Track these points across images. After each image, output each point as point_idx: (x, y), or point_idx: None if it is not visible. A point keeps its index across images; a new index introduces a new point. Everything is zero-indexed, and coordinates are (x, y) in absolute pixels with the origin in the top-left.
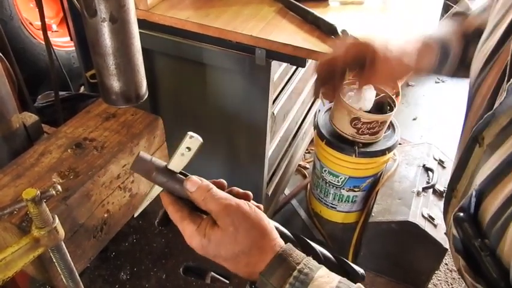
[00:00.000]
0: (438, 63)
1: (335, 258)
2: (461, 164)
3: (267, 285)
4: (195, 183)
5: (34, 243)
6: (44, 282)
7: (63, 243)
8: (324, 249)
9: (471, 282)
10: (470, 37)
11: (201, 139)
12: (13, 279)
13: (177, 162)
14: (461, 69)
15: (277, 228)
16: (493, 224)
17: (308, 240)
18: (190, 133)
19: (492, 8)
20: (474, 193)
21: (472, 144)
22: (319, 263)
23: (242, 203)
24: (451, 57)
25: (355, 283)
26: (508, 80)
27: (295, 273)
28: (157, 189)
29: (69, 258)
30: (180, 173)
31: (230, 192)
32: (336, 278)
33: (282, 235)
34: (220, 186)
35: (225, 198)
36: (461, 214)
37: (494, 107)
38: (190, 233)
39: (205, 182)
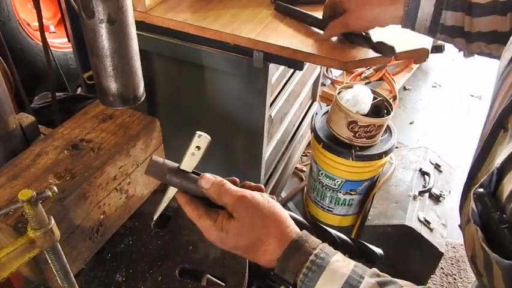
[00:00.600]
0: (407, 14)
1: (352, 241)
2: (484, 150)
3: (285, 270)
4: (209, 180)
5: (30, 244)
6: (39, 283)
7: (58, 245)
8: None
9: (487, 255)
10: (447, 3)
11: (209, 137)
12: (8, 280)
13: (189, 162)
14: (433, 30)
15: (292, 217)
16: (510, 200)
17: (324, 226)
18: (199, 132)
19: None
20: (495, 171)
21: (496, 129)
22: (336, 247)
23: (256, 194)
24: (421, 12)
25: (374, 263)
26: None
27: (311, 257)
28: (172, 190)
29: (64, 259)
30: (193, 172)
31: (243, 186)
32: (351, 262)
33: (298, 223)
34: (233, 183)
35: (239, 191)
36: (481, 189)
37: None
38: (208, 228)
39: (219, 178)
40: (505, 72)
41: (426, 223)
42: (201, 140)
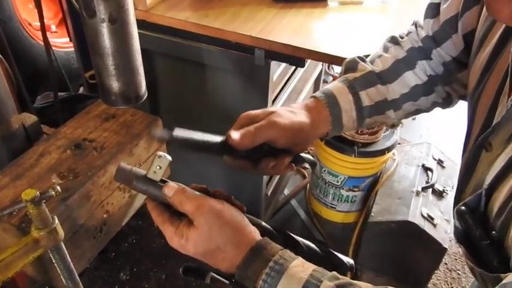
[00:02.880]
0: (334, 118)
1: (321, 251)
2: (468, 168)
3: (245, 277)
4: (172, 188)
5: (34, 244)
6: (44, 283)
7: (62, 244)
8: (312, 243)
9: (473, 268)
10: (359, 84)
11: (169, 158)
12: (13, 280)
13: (154, 175)
14: (362, 119)
15: (259, 225)
16: (498, 216)
17: (292, 234)
18: (159, 153)
19: (479, 23)
20: (484, 192)
21: (477, 150)
22: (303, 256)
23: (215, 202)
24: (344, 109)
25: (344, 273)
26: (510, 90)
27: (270, 263)
28: (139, 201)
29: (68, 259)
30: (161, 180)
31: (214, 194)
32: (310, 267)
33: (267, 232)
34: (203, 190)
35: (199, 199)
36: (463, 207)
37: (501, 116)
38: (170, 234)
39: (182, 186)
40: (477, 94)
41: (429, 219)
42: (161, 160)
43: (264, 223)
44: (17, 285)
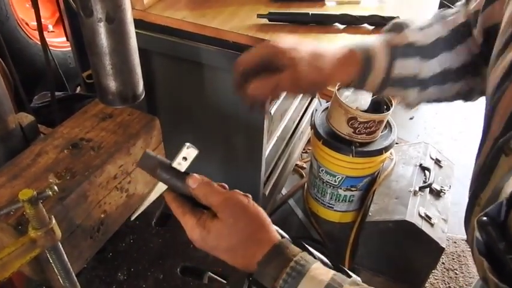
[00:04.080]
0: (361, 75)
1: (332, 265)
2: (485, 173)
3: (265, 275)
4: (196, 180)
5: (31, 244)
6: (41, 282)
7: (60, 244)
8: (324, 256)
9: (496, 284)
10: (399, 52)
11: (197, 150)
12: (10, 280)
13: (179, 166)
14: (384, 85)
15: (276, 231)
16: None
17: (307, 246)
18: (188, 144)
19: (503, 22)
20: (505, 201)
21: (497, 154)
22: None
23: (242, 196)
24: (374, 70)
25: None
26: None
27: (292, 263)
28: (155, 193)
29: (66, 258)
30: (184, 172)
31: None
32: (331, 271)
33: (281, 237)
34: (222, 187)
35: (225, 192)
36: (485, 218)
37: None
38: (191, 225)
39: (206, 179)
40: (496, 96)
41: (427, 218)
42: (189, 151)
43: (279, 229)
44: (14, 285)
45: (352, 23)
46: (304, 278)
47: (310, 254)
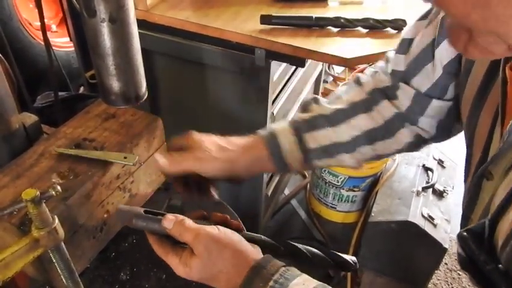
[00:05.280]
0: (273, 155)
1: (324, 253)
2: (472, 196)
3: None
4: (171, 221)
5: (34, 244)
6: (44, 282)
7: (63, 244)
8: (313, 246)
9: None
10: (305, 127)
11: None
12: (13, 280)
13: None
14: (309, 161)
15: (260, 240)
16: (504, 248)
17: (293, 243)
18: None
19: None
20: (487, 222)
21: (478, 180)
22: (308, 262)
23: (211, 229)
24: (284, 149)
25: (349, 271)
26: (503, 123)
27: (271, 283)
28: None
29: (69, 258)
30: (158, 213)
31: (209, 217)
32: (311, 284)
33: (266, 244)
34: (201, 217)
35: (196, 229)
36: (465, 233)
37: (498, 148)
38: (175, 264)
39: (180, 217)
40: (473, 122)
41: (430, 219)
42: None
43: (263, 237)
44: (17, 285)
45: (375, 27)
46: None
47: (297, 251)
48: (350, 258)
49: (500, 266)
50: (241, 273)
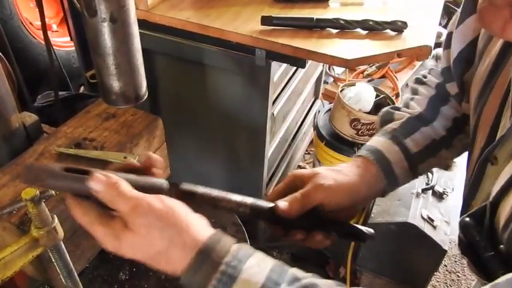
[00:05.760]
0: (386, 173)
1: (345, 227)
2: (474, 182)
3: (192, 282)
4: (100, 181)
5: (33, 243)
6: (43, 282)
7: (62, 243)
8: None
9: (479, 279)
10: (401, 133)
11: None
12: (12, 279)
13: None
14: (414, 168)
15: (243, 204)
16: (505, 229)
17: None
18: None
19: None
20: (489, 205)
21: (483, 163)
22: (322, 226)
23: (154, 200)
24: (395, 164)
25: (365, 241)
26: None
27: (221, 267)
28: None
29: (68, 258)
30: (82, 171)
31: (144, 171)
32: (267, 266)
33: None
34: (135, 171)
35: (134, 197)
36: (467, 219)
37: (505, 129)
38: (102, 236)
39: (113, 177)
40: (479, 107)
41: (429, 220)
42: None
43: (253, 199)
44: (16, 284)
45: (374, 28)
46: (236, 282)
47: (320, 224)
48: (366, 229)
49: (501, 246)
50: (185, 256)
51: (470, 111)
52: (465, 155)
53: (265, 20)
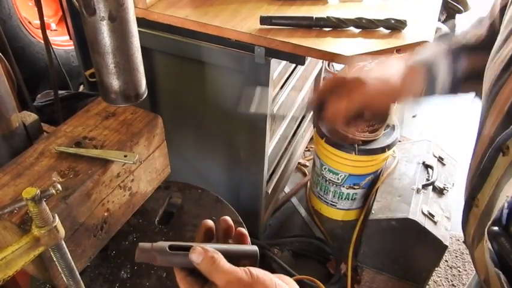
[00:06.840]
0: (427, 86)
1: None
2: (483, 173)
3: None
4: (200, 254)
5: (34, 242)
6: (45, 281)
7: (63, 242)
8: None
9: None
10: (458, 51)
11: None
12: (14, 279)
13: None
14: (457, 85)
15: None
16: None
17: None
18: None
19: (504, 16)
20: (506, 204)
21: (494, 153)
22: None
23: (242, 274)
24: (440, 76)
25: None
26: None
27: None
28: None
29: (69, 257)
30: (186, 246)
31: (229, 230)
32: None
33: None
34: (227, 229)
35: (228, 272)
36: (496, 228)
37: None
38: None
39: (210, 251)
40: (493, 92)
41: (430, 216)
42: None
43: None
44: (17, 283)
45: (368, 26)
46: None
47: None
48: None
49: None
50: None
51: (482, 98)
52: (468, 149)
53: (264, 20)
